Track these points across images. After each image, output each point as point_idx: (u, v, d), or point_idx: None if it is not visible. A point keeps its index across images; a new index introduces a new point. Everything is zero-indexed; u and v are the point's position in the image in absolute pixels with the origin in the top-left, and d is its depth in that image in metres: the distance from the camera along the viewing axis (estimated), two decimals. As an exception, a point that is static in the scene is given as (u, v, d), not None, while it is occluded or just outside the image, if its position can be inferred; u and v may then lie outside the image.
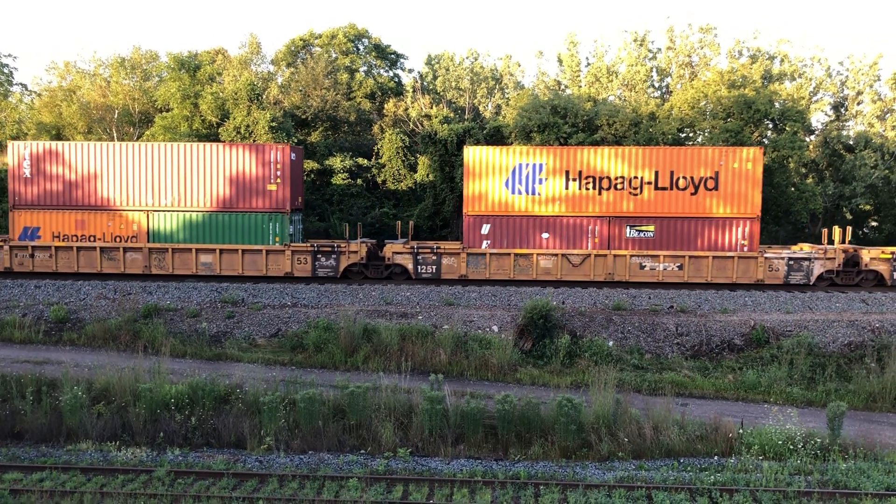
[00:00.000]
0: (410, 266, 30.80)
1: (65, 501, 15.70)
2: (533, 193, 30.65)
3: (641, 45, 48.17)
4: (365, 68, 51.88)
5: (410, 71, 53.99)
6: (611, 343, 25.29)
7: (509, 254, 30.59)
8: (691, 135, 40.44)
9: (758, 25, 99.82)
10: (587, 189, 30.54)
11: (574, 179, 30.58)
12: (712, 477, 16.78)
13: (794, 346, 24.38)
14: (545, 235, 30.64)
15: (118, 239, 31.12)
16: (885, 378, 22.42)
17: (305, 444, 19.02)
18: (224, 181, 30.83)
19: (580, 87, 48.19)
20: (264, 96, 43.14)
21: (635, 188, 30.36)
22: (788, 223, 39.26)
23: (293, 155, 31.46)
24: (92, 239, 31.17)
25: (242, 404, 19.84)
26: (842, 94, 45.84)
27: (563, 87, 50.14)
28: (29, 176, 31.18)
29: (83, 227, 31.20)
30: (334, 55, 50.13)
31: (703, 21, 72.29)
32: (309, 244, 31.11)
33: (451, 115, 43.39)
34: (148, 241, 31.00)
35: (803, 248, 31.11)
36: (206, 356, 24.48)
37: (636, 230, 30.42)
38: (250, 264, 30.86)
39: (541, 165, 30.53)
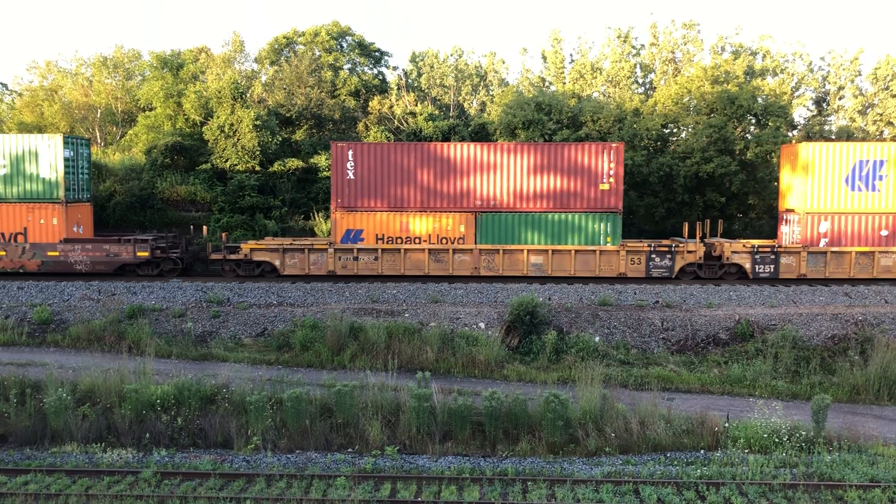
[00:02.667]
0: (748, 265, 30.32)
1: (50, 504, 15.57)
2: (873, 190, 30.20)
3: (625, 41, 48.35)
4: (349, 66, 51.78)
5: (395, 68, 53.98)
6: (597, 339, 25.38)
7: (849, 252, 30.17)
8: (675, 130, 40.62)
9: (740, 21, 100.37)
10: None
11: None
12: (699, 471, 16.87)
13: (778, 339, 24.56)
14: (884, 233, 30.26)
15: (444, 241, 30.70)
16: (869, 370, 22.63)
17: (293, 444, 18.96)
18: (553, 180, 30.20)
19: (564, 83, 48.31)
20: (248, 95, 42.96)
21: None
22: (772, 217, 39.51)
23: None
24: (417, 241, 30.76)
25: (229, 404, 19.75)
26: (823, 90, 46.22)
27: (547, 83, 50.26)
28: (353, 177, 30.63)
29: (408, 228, 30.75)
30: (318, 53, 49.98)
31: (686, 17, 72.65)
32: (645, 244, 30.71)
33: (436, 112, 43.38)
34: (475, 243, 30.55)
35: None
36: (192, 356, 24.35)
37: None
38: (582, 265, 30.35)
39: (881, 162, 30.05)
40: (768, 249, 30.39)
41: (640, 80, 48.92)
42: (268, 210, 39.78)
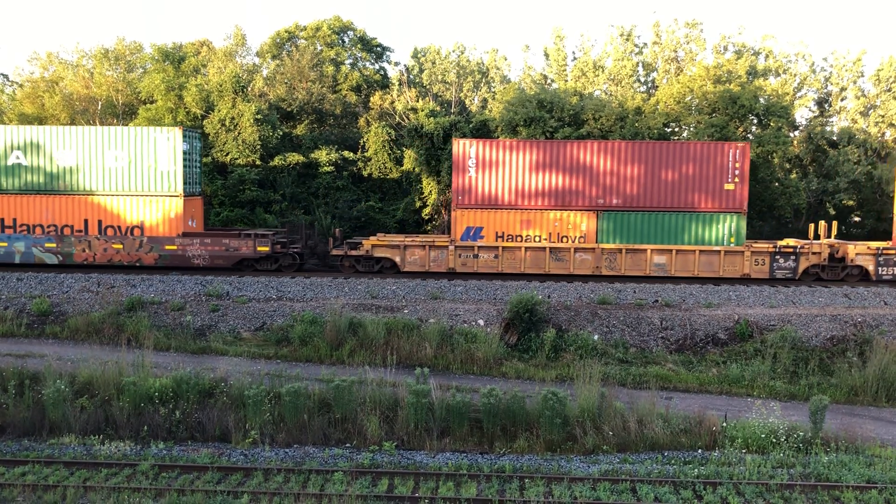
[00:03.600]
0: (871, 267, 30.17)
1: (48, 496, 15.57)
2: None
3: (628, 39, 48.28)
4: (350, 61, 51.69)
5: (396, 64, 53.86)
6: (596, 337, 25.38)
7: None
8: (677, 129, 40.60)
9: (743, 21, 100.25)
10: None
11: None
12: (696, 470, 16.88)
13: (777, 340, 24.56)
14: None
15: (564, 239, 30.58)
16: (867, 372, 22.64)
17: (290, 438, 18.97)
18: (676, 179, 30.12)
19: (566, 81, 48.25)
20: (249, 89, 42.91)
21: None
22: (772, 218, 39.53)
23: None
24: (538, 239, 30.63)
25: (227, 398, 19.76)
26: (826, 90, 46.17)
27: (549, 81, 50.19)
28: (474, 174, 30.54)
29: (528, 226, 30.56)
30: (319, 48, 49.90)
31: (688, 16, 72.57)
32: (770, 244, 30.61)
33: (438, 108, 43.31)
34: (597, 242, 30.47)
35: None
36: (191, 349, 24.35)
37: None
38: (705, 265, 30.24)
39: None
40: (893, 252, 30.31)
41: (643, 79, 48.86)
42: (268, 204, 39.79)
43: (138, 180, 30.73)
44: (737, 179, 30.04)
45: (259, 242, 30.82)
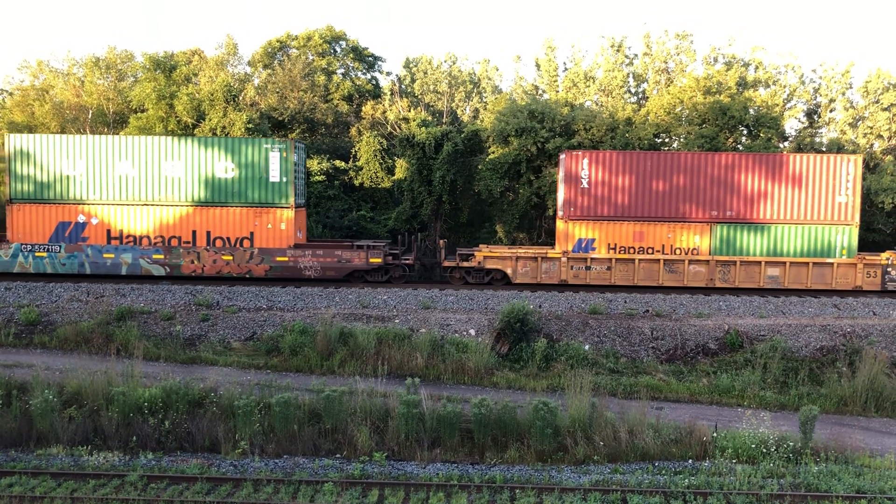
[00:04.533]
0: None
1: (34, 507, 15.45)
2: None
3: (618, 50, 48.53)
4: (342, 70, 51.75)
5: (388, 74, 54.00)
6: (587, 347, 25.40)
7: None
8: (667, 140, 40.77)
9: (733, 32, 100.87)
10: None
11: None
12: (686, 480, 16.89)
13: (767, 350, 24.64)
14: None
15: (678, 251, 30.56)
16: (856, 382, 22.73)
17: (280, 449, 18.89)
18: (787, 192, 30.24)
19: (557, 91, 48.44)
20: (241, 98, 42.88)
21: None
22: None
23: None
24: (650, 251, 30.64)
25: (217, 408, 19.66)
26: (815, 102, 46.49)
27: (540, 91, 50.38)
28: (586, 186, 30.52)
29: (641, 238, 30.58)
30: (311, 57, 49.96)
31: (679, 28, 72.96)
32: (882, 257, 30.68)
33: (429, 118, 43.38)
34: (710, 254, 30.50)
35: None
36: (181, 359, 24.24)
37: None
38: (818, 277, 30.34)
39: None
40: None
41: (633, 90, 49.10)
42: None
43: (249, 192, 30.56)
44: (849, 192, 30.29)
45: (371, 254, 30.90)
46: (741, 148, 38.24)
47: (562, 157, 31.33)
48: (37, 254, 30.42)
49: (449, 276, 31.89)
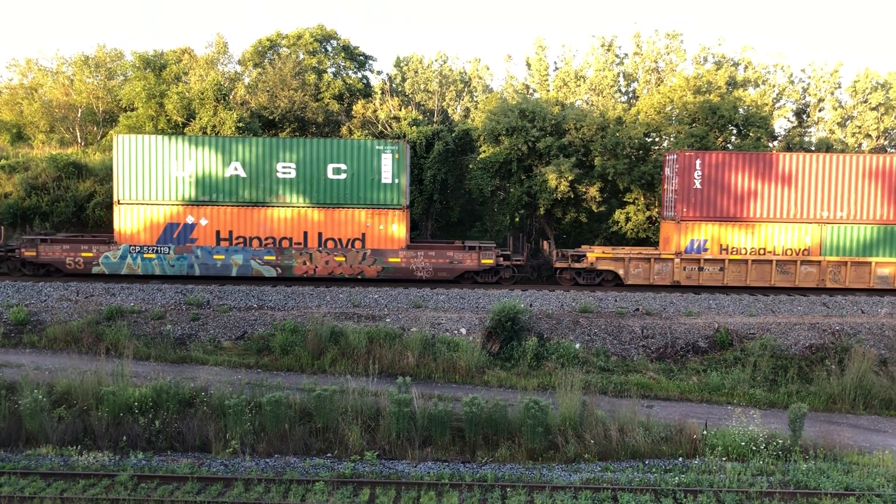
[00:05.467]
0: None
1: (24, 507, 15.39)
2: None
3: (609, 50, 48.66)
4: (333, 69, 51.66)
5: (379, 73, 53.92)
6: (577, 345, 25.46)
7: None
8: (657, 139, 40.89)
9: (723, 32, 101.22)
10: None
11: None
12: (677, 478, 16.97)
13: (757, 348, 24.77)
14: None
15: (789, 252, 30.60)
16: (845, 380, 22.88)
17: (271, 448, 18.87)
18: None
19: (548, 91, 48.53)
20: (231, 96, 42.75)
21: None
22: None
23: None
24: (762, 252, 30.66)
25: (207, 407, 19.62)
26: (804, 101, 46.74)
27: (531, 90, 50.46)
28: (699, 186, 30.53)
29: (752, 239, 30.72)
30: (301, 56, 49.85)
31: (669, 27, 73.17)
32: None
33: (420, 117, 43.37)
34: (821, 255, 30.51)
35: None
36: (171, 359, 24.18)
37: None
38: None
39: None
40: None
41: (624, 89, 49.24)
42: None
43: (361, 193, 30.39)
44: None
45: (483, 255, 30.90)
46: (730, 147, 38.37)
47: (669, 157, 31.59)
48: (145, 255, 30.25)
49: (558, 277, 31.94)
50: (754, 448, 18.17)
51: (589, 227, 38.49)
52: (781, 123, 46.55)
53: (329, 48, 52.08)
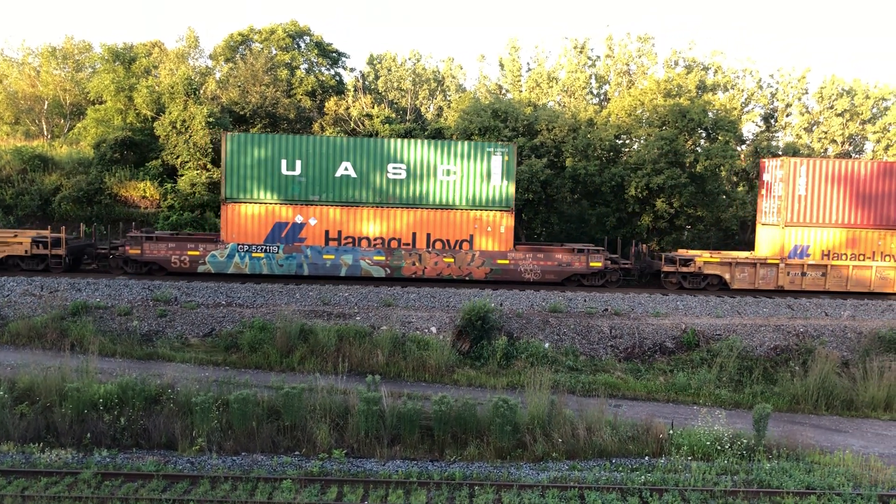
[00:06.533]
0: None
1: (-16, 505, 15.11)
2: None
3: (581, 52, 49.00)
4: (306, 66, 51.41)
5: (352, 70, 53.85)
6: (547, 345, 25.59)
7: None
8: (627, 142, 41.25)
9: (693, 36, 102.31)
10: None
11: None
12: (643, 477, 17.12)
13: (723, 349, 25.07)
14: None
15: (887, 258, 31.16)
16: (808, 381, 23.25)
17: (238, 446, 18.72)
18: None
19: (521, 91, 48.73)
20: (201, 91, 42.37)
21: None
22: (719, 230, 40.39)
23: None
24: (861, 258, 31.26)
25: (174, 405, 19.40)
26: (772, 106, 47.44)
27: (504, 91, 50.64)
28: (803, 192, 30.91)
29: (853, 245, 31.23)
30: (274, 51, 49.52)
31: (641, 31, 73.82)
32: None
33: (393, 115, 43.32)
34: None
35: None
36: (137, 355, 23.88)
37: None
38: None
39: None
40: None
41: (595, 91, 49.61)
42: (218, 208, 39.25)
43: (470, 194, 30.33)
44: None
45: (592, 258, 30.86)
46: (699, 150, 38.82)
47: (771, 163, 32.22)
48: (254, 254, 29.91)
49: (664, 281, 32.13)
50: (719, 448, 18.39)
51: (561, 228, 38.70)
52: (750, 128, 47.23)
53: (302, 44, 51.81)
